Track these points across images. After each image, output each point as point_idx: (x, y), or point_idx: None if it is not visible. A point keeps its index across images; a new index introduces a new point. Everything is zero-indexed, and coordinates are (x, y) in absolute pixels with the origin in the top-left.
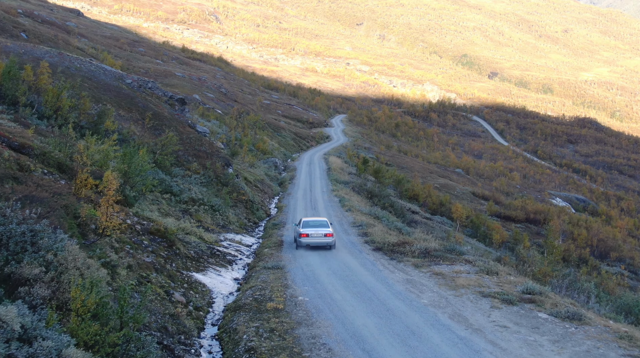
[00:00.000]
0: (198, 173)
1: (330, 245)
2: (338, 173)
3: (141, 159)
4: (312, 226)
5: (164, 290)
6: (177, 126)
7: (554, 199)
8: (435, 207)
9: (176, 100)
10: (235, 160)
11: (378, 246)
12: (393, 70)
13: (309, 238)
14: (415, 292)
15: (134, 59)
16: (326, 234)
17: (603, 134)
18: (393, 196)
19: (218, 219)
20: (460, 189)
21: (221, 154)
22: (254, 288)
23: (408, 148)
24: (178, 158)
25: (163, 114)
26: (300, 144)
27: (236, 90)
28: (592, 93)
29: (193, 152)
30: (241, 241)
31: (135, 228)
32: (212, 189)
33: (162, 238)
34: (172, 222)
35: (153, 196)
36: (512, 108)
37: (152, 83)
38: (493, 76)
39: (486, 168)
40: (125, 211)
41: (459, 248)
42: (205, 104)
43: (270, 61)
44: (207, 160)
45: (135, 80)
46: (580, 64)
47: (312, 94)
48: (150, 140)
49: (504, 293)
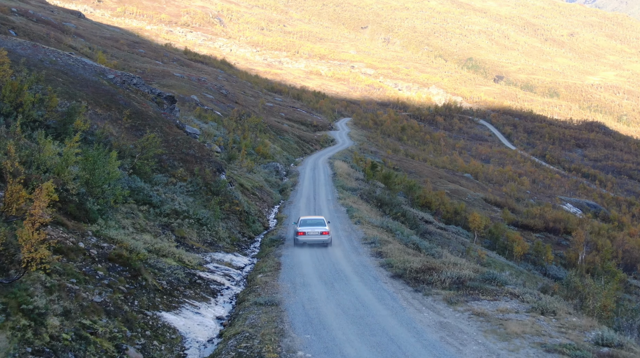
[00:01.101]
0: (184, 180)
1: (327, 243)
2: (344, 179)
3: (109, 165)
4: (309, 224)
5: (114, 343)
6: (163, 127)
7: (564, 205)
8: (449, 216)
9: (165, 98)
10: (231, 165)
11: (397, 272)
12: (398, 73)
13: (306, 236)
14: (455, 344)
15: (132, 60)
16: (322, 232)
17: (611, 138)
18: (404, 204)
19: (205, 235)
20: (471, 195)
21: (213, 159)
22: (239, 337)
23: (415, 151)
24: (161, 163)
25: (147, 112)
26: (304, 147)
27: (238, 92)
28: (598, 97)
29: (179, 156)
30: (231, 262)
31: (89, 254)
32: (200, 199)
33: (125, 266)
34: (147, 241)
35: (128, 208)
36: (519, 112)
37: (138, 79)
38: (499, 79)
39: (495, 173)
40: (82, 230)
41: (499, 277)
42: (204, 105)
43: (274, 64)
44: (195, 165)
45: (118, 75)
46: (587, 67)
47: (317, 97)
48: (129, 142)
49: (574, 347)
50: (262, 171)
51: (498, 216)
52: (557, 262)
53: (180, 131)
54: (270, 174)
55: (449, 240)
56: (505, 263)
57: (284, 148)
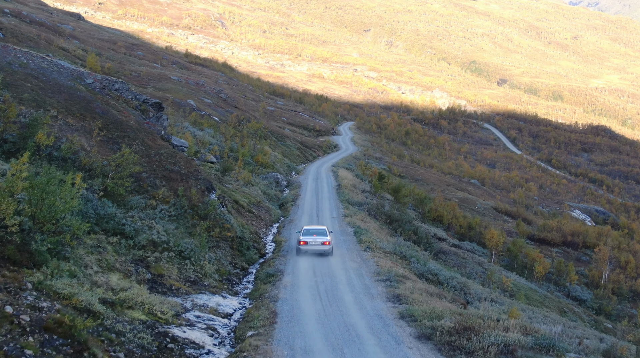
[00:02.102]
0: (166, 202)
1: (328, 253)
2: (349, 191)
3: (65, 191)
4: (312, 234)
5: None
6: (145, 139)
7: (573, 212)
8: (463, 231)
9: (151, 105)
10: (227, 177)
11: (424, 331)
12: (401, 76)
13: (308, 245)
14: None
15: (128, 62)
16: (323, 242)
17: (617, 142)
18: (415, 219)
19: (188, 271)
20: (481, 204)
21: (201, 176)
22: None
23: (420, 156)
24: (140, 182)
25: (127, 122)
26: (306, 154)
27: (238, 95)
28: (602, 100)
29: (162, 173)
30: (217, 308)
31: (18, 322)
32: (185, 226)
33: (66, 338)
34: (111, 285)
35: (94, 240)
36: (523, 115)
37: (121, 84)
38: (502, 82)
39: (501, 178)
40: (19, 281)
41: (556, 343)
42: (201, 110)
43: (277, 67)
44: (180, 184)
45: (98, 80)
46: (590, 71)
47: (319, 100)
48: (103, 158)
49: None
50: (260, 182)
51: (511, 229)
52: (579, 281)
53: (165, 143)
54: (270, 186)
55: (465, 260)
56: (528, 287)
57: (285, 154)
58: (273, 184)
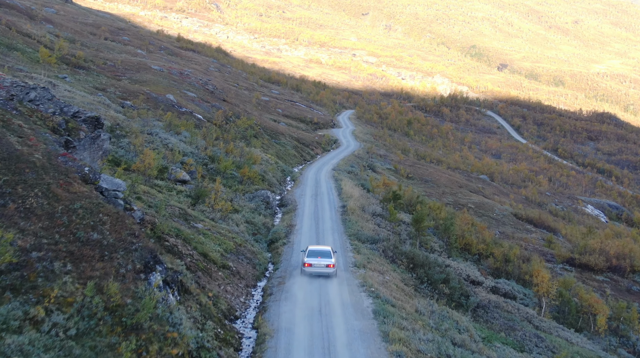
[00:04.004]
0: (66, 307)
1: (331, 275)
2: (358, 217)
3: None
4: (316, 255)
5: None
6: (53, 185)
7: (586, 208)
8: (498, 265)
9: (83, 121)
10: (197, 210)
11: None
12: (401, 61)
13: (313, 267)
14: None
15: (107, 49)
16: (328, 265)
17: (624, 130)
18: (440, 251)
19: None
20: (499, 211)
21: (139, 244)
22: None
23: (424, 149)
24: (24, 269)
25: (28, 158)
26: (303, 153)
27: (229, 86)
28: (604, 86)
29: (69, 248)
30: None
31: None
32: (93, 352)
33: None
34: None
35: None
36: (527, 102)
37: (41, 91)
38: (503, 67)
39: (510, 172)
40: None
41: None
42: (181, 106)
43: (273, 51)
44: (98, 264)
45: (4, 87)
46: (592, 55)
47: (317, 87)
48: None
49: None
50: (246, 206)
51: (544, 249)
52: None
53: (88, 188)
54: (258, 210)
55: (511, 314)
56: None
57: (279, 155)
58: (262, 207)
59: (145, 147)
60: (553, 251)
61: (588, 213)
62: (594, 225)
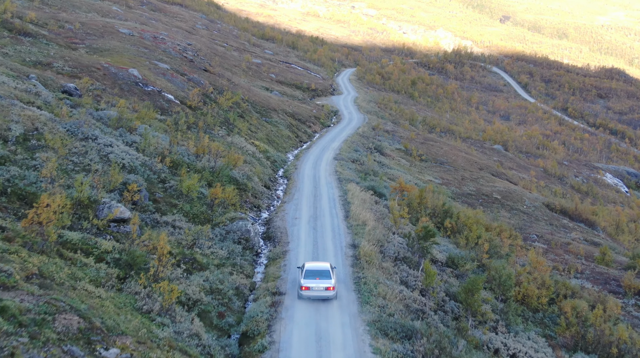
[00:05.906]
0: None
1: (331, 298)
2: (376, 273)
3: None
4: (314, 277)
5: None
6: None
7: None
8: (573, 331)
9: None
10: (131, 284)
11: None
12: (402, 14)
13: (310, 291)
14: None
15: (72, 7)
16: (327, 288)
17: (634, 87)
18: (494, 323)
19: None
20: (529, 201)
21: None
22: None
23: (432, 116)
24: None
25: None
26: (298, 132)
27: (217, 46)
28: (608, 39)
29: None
30: None
31: None
32: None
33: None
34: None
35: None
36: (533, 58)
37: None
38: (505, 19)
39: (523, 138)
40: None
41: None
42: (147, 84)
43: (268, 3)
44: None
45: None
46: (595, 7)
47: (314, 43)
48: None
49: None
50: (215, 253)
51: (604, 270)
52: None
53: None
54: (231, 258)
55: None
56: None
57: (270, 139)
58: (238, 251)
59: (62, 170)
60: (615, 274)
61: (608, 183)
62: (617, 198)
